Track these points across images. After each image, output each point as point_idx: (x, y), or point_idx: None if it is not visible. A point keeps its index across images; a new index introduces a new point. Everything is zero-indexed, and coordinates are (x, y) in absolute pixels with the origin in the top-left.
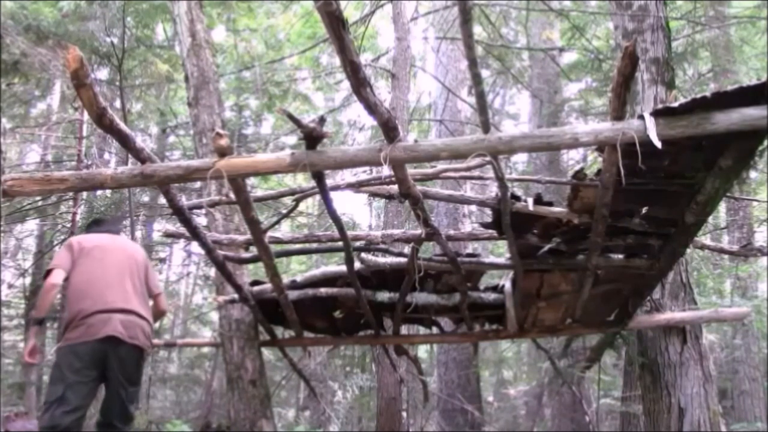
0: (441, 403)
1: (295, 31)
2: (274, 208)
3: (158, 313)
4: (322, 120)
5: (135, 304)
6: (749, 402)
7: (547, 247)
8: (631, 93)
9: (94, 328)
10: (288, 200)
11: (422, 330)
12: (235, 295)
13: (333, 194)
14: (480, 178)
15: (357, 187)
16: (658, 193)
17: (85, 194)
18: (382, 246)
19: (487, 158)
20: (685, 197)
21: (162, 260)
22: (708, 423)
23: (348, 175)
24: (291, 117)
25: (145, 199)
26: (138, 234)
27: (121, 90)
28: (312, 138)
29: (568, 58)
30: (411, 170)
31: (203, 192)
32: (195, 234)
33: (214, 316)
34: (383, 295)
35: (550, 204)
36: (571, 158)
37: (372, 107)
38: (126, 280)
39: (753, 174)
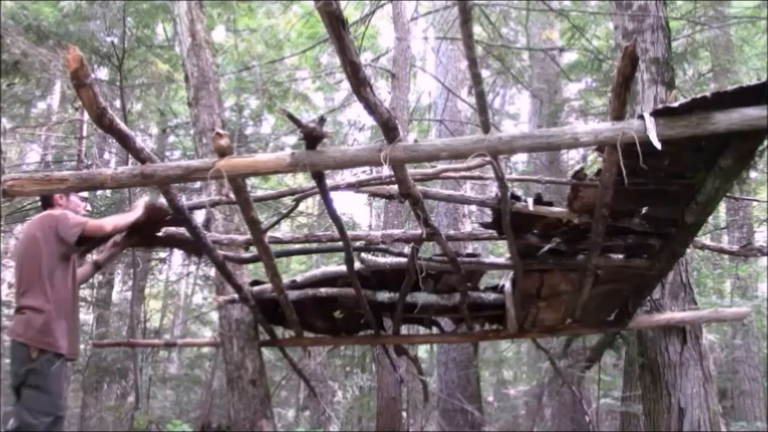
0: (441, 403)
1: (295, 30)
2: (274, 208)
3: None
4: (322, 120)
5: (24, 295)
6: (749, 402)
7: (547, 247)
8: (631, 93)
9: None
10: (288, 200)
11: (422, 330)
12: (235, 295)
13: (333, 194)
14: (480, 178)
15: (357, 187)
16: (658, 193)
17: (85, 194)
18: (382, 246)
19: (487, 158)
20: (685, 197)
21: (162, 260)
22: (708, 423)
23: (348, 175)
24: (291, 117)
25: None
26: None
27: (121, 90)
28: (312, 138)
29: (568, 58)
30: (411, 170)
31: (203, 192)
32: (195, 234)
33: (214, 316)
34: (383, 295)
35: (550, 204)
36: (571, 158)
37: (372, 107)
38: (23, 271)
39: (753, 174)
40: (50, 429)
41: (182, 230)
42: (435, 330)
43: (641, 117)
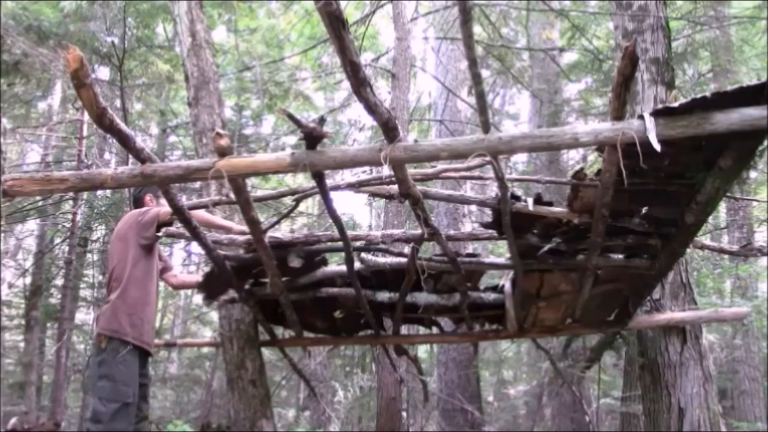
0: (441, 403)
1: (296, 30)
2: (274, 208)
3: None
4: (322, 120)
5: (108, 291)
6: (749, 402)
7: (547, 247)
8: (631, 93)
9: None
10: (288, 200)
11: (422, 330)
12: (235, 295)
13: (333, 194)
14: (480, 178)
15: (357, 187)
16: (658, 193)
17: (85, 194)
18: (382, 246)
19: (487, 158)
20: (685, 197)
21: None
22: (708, 423)
23: (348, 175)
24: (291, 117)
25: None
26: None
27: (121, 90)
28: (312, 138)
29: (568, 58)
30: (411, 170)
31: (203, 192)
32: (195, 234)
33: (214, 316)
34: (383, 295)
35: (550, 204)
36: (571, 158)
37: (372, 107)
38: (108, 269)
39: (753, 174)
40: (117, 415)
41: (182, 230)
42: (435, 330)
43: (641, 117)
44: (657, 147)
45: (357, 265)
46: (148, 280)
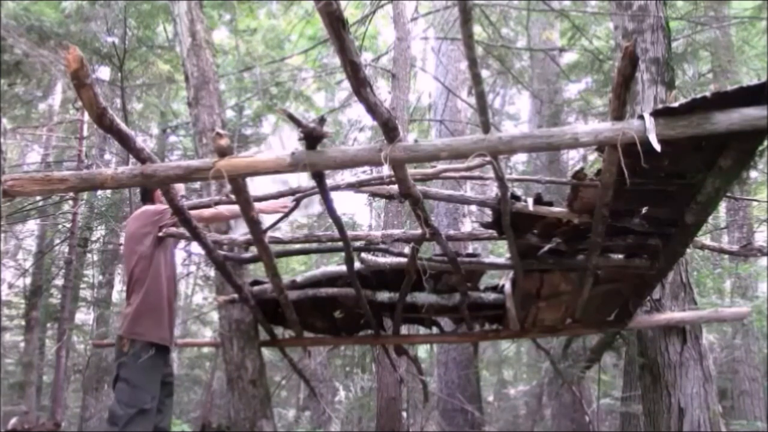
0: (441, 403)
1: (296, 31)
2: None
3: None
4: (322, 120)
5: (128, 292)
6: (749, 402)
7: (547, 247)
8: (631, 93)
9: None
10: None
11: (422, 330)
12: (235, 295)
13: (333, 194)
14: (480, 178)
15: (357, 187)
16: (658, 193)
17: (85, 194)
18: (382, 246)
19: (487, 158)
20: (685, 197)
21: None
22: (708, 423)
23: (348, 175)
24: (291, 117)
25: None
26: None
27: (122, 90)
28: (312, 138)
29: (568, 58)
30: (411, 170)
31: (203, 192)
32: (195, 234)
33: (214, 316)
34: (383, 295)
35: (550, 204)
36: (571, 158)
37: (372, 107)
38: (126, 269)
39: (753, 174)
40: (133, 420)
41: (182, 230)
42: (435, 330)
43: (641, 117)
44: (657, 147)
45: (357, 265)
46: (165, 273)
